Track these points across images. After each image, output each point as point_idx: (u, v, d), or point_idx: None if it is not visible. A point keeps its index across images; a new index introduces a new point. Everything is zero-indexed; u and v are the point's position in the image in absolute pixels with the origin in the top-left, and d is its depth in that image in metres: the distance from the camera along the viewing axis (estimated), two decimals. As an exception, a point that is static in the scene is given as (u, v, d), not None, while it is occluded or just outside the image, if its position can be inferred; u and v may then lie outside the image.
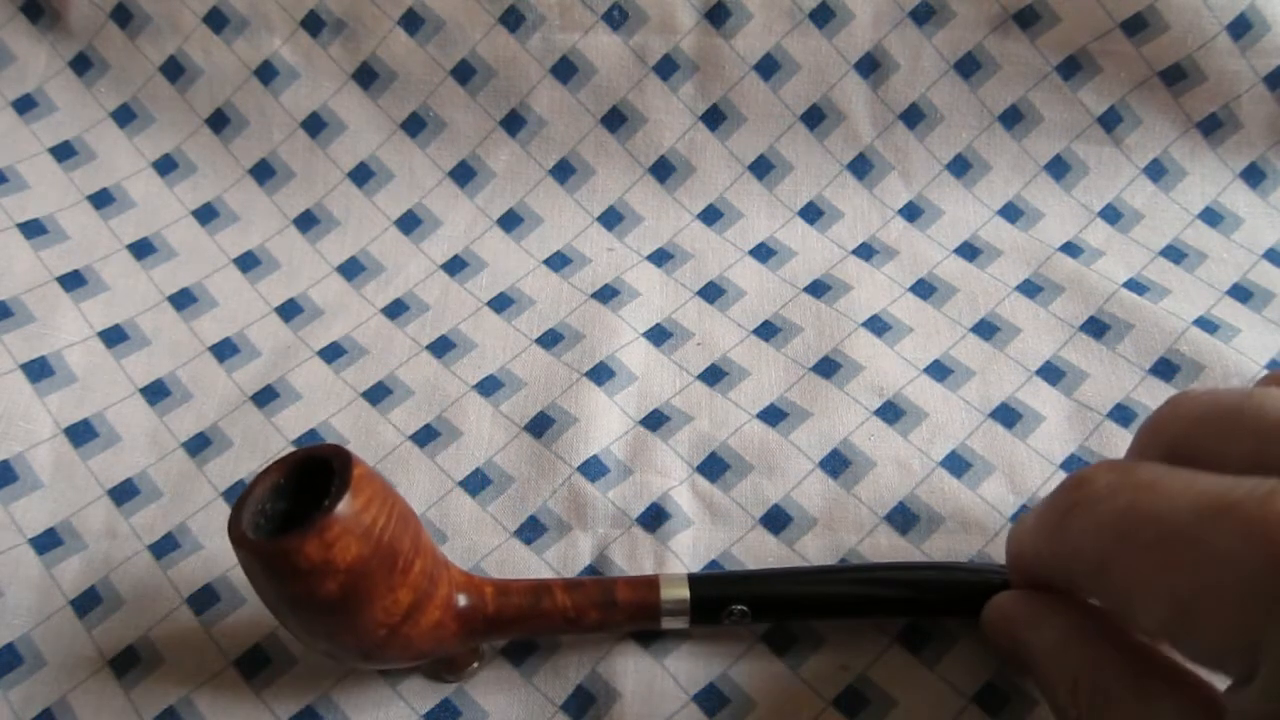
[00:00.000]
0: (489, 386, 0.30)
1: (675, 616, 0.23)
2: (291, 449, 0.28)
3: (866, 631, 0.24)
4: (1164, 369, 0.29)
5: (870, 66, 0.34)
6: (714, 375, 0.30)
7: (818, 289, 0.32)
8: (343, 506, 0.19)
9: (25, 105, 0.35)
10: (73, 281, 0.32)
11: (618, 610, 0.23)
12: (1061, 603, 0.21)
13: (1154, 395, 0.28)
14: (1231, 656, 0.16)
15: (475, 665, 0.24)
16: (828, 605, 0.24)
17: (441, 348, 0.31)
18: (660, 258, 0.33)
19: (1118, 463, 0.19)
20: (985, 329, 0.30)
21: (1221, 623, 0.15)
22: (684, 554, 0.26)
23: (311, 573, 0.18)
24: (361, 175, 0.34)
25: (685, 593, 0.23)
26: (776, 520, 0.26)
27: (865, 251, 0.33)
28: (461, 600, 0.22)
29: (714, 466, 0.27)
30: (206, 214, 0.34)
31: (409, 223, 0.34)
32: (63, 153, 0.34)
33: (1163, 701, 0.18)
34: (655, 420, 0.29)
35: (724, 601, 0.23)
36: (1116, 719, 0.18)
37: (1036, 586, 0.21)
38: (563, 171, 0.34)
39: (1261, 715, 0.15)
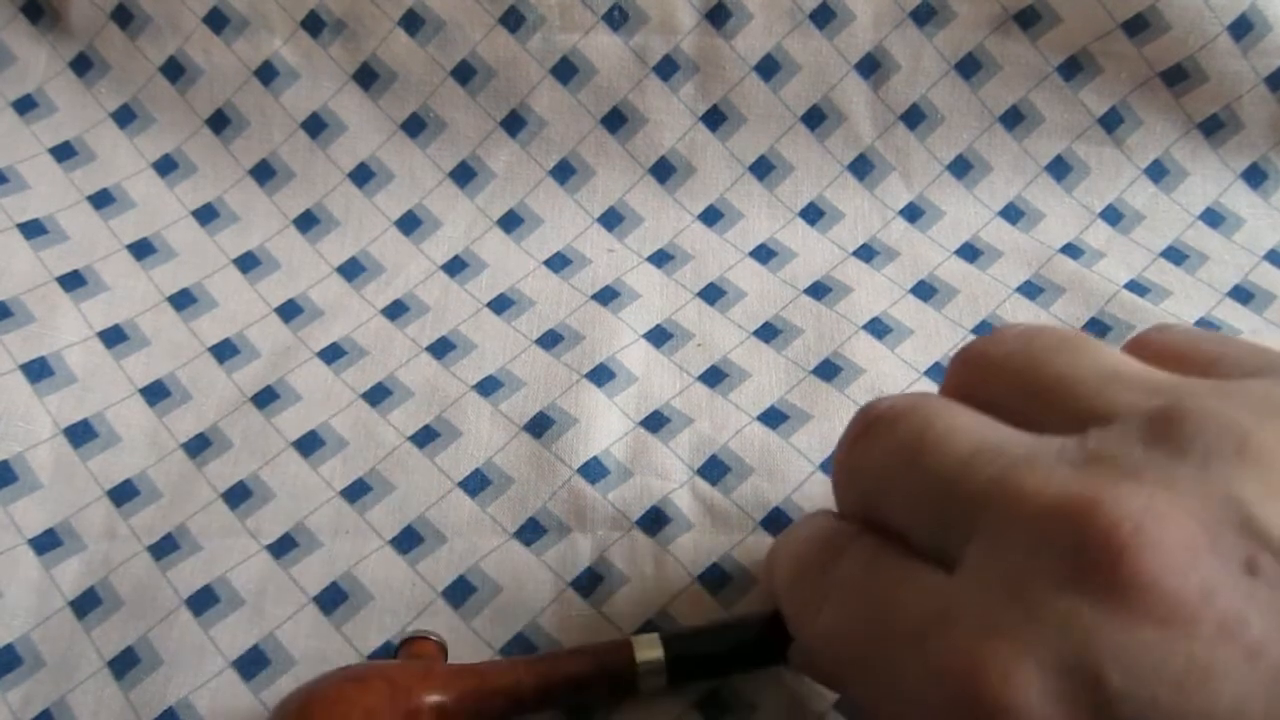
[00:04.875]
0: (489, 387, 0.30)
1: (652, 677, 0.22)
2: (290, 451, 0.28)
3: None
4: (1165, 371, 0.29)
5: (871, 67, 0.33)
6: (714, 377, 0.30)
7: (818, 291, 0.32)
8: None
9: (25, 105, 0.35)
10: (72, 282, 0.32)
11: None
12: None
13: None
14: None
15: None
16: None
17: (441, 349, 0.31)
18: (660, 259, 0.33)
19: (912, 395, 0.19)
20: (986, 330, 0.30)
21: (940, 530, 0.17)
22: (684, 557, 0.26)
23: None
24: (361, 175, 0.34)
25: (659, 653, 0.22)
26: (778, 523, 0.26)
27: (866, 253, 0.33)
28: None
29: (714, 469, 0.27)
30: (206, 214, 0.34)
31: (409, 223, 0.34)
32: (63, 153, 0.34)
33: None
34: (655, 422, 0.29)
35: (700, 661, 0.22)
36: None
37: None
38: (563, 172, 0.34)
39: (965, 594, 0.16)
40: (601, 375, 0.29)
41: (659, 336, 0.31)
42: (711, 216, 0.33)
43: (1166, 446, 0.15)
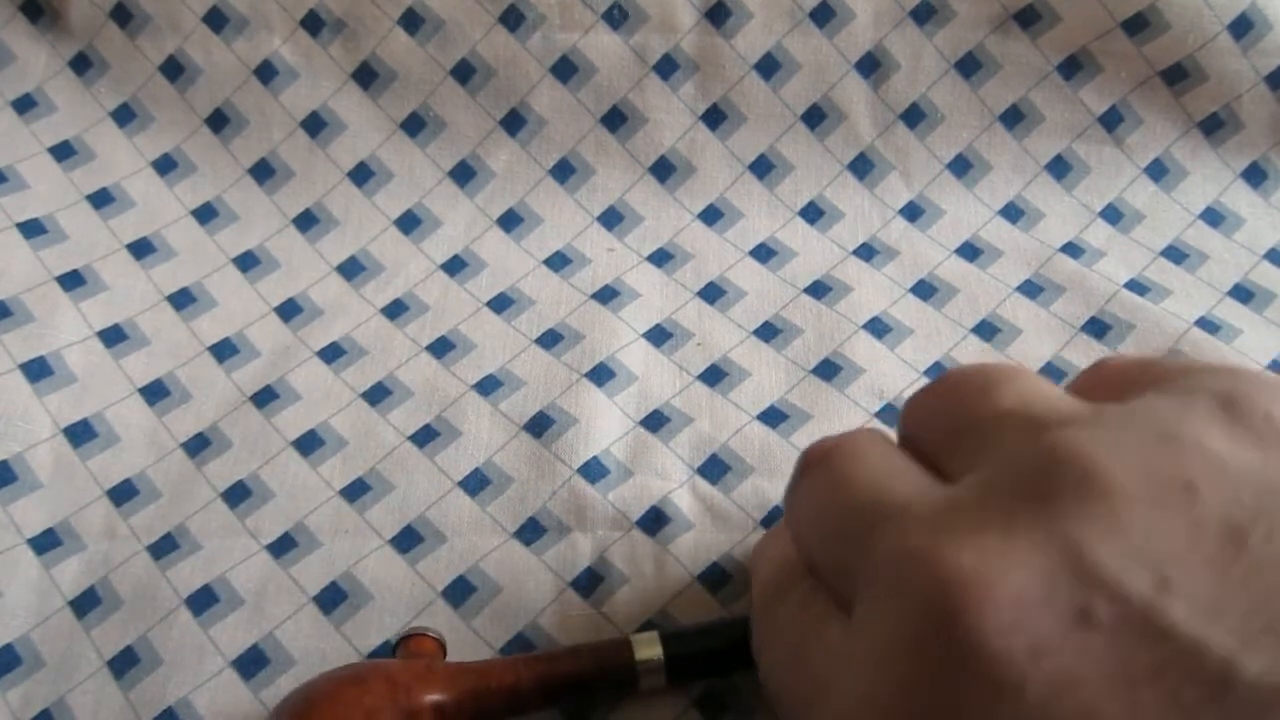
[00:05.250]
0: (488, 386, 0.30)
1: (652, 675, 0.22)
2: (290, 450, 0.28)
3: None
4: (1165, 370, 0.29)
5: (871, 66, 0.33)
6: (714, 376, 0.30)
7: (818, 290, 0.32)
8: None
9: (25, 105, 0.35)
10: (72, 281, 0.32)
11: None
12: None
13: (1155, 396, 0.28)
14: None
15: None
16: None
17: (441, 348, 0.31)
18: (660, 258, 0.33)
19: (846, 436, 0.19)
20: (986, 330, 0.30)
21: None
22: (684, 557, 0.26)
23: None
24: (361, 175, 0.34)
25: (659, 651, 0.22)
26: (777, 523, 0.26)
27: (866, 252, 0.32)
28: None
29: (714, 468, 0.27)
30: (206, 213, 0.34)
31: (409, 223, 0.34)
32: (62, 152, 0.34)
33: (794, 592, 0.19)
34: (655, 421, 0.29)
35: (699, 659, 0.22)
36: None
37: None
38: (563, 171, 0.34)
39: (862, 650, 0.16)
40: (601, 375, 0.29)
41: (659, 336, 0.31)
42: (711, 216, 0.33)
43: (1020, 489, 0.15)
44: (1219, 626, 0.12)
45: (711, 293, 0.32)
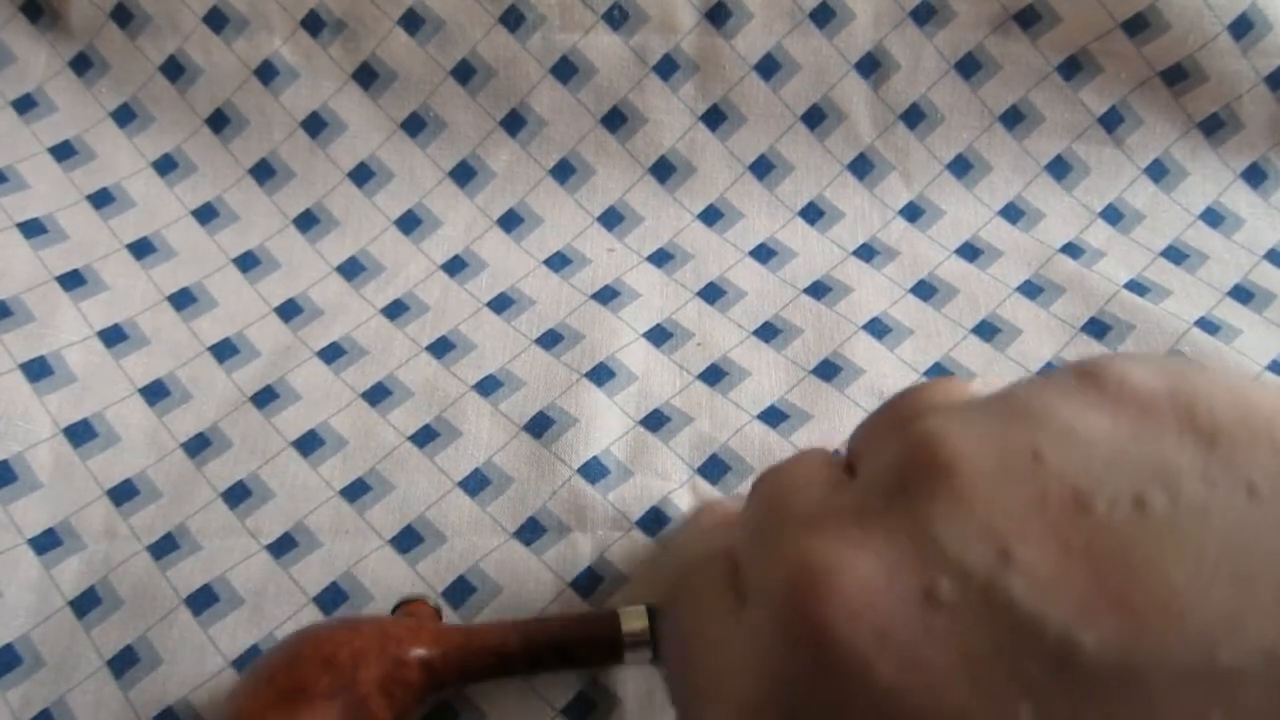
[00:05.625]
0: (488, 387, 0.30)
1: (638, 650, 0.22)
2: (290, 450, 0.28)
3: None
4: (1165, 370, 0.29)
5: (871, 66, 0.33)
6: (714, 375, 0.30)
7: (818, 290, 0.32)
8: None
9: (25, 105, 0.35)
10: (72, 281, 0.32)
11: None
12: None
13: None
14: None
15: None
16: None
17: (441, 348, 0.31)
18: (660, 258, 0.33)
19: (796, 455, 0.20)
20: (986, 330, 0.30)
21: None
22: (683, 556, 0.26)
23: None
24: (361, 175, 0.34)
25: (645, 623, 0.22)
26: (776, 521, 0.26)
27: (866, 252, 0.32)
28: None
29: (715, 468, 0.27)
30: (206, 214, 0.34)
31: (409, 223, 0.34)
32: (62, 152, 0.34)
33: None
34: (655, 421, 0.29)
35: None
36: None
37: None
38: (563, 171, 0.34)
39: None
40: (601, 375, 0.29)
41: (659, 336, 0.31)
42: (711, 216, 0.33)
43: (884, 483, 0.15)
44: (1059, 599, 0.12)
45: (711, 293, 0.32)
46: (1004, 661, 0.12)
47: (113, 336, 0.31)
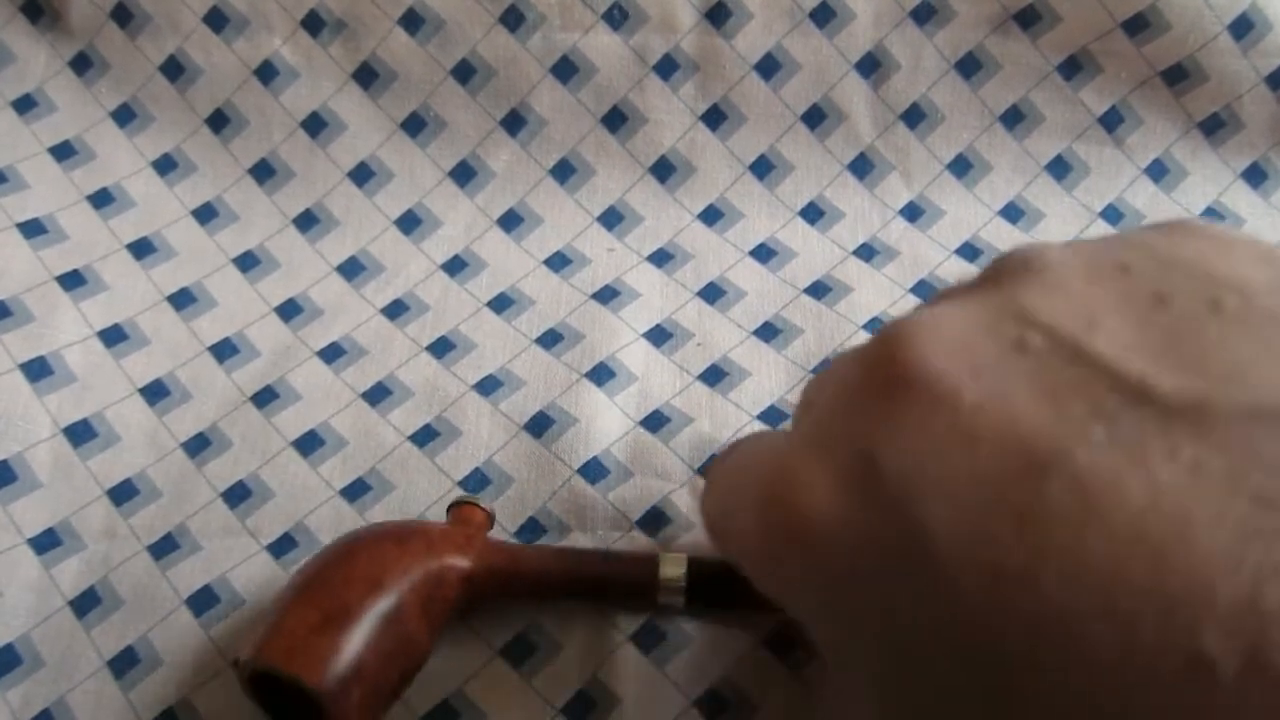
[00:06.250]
0: (488, 386, 0.30)
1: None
2: (290, 450, 0.28)
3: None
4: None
5: (871, 66, 0.33)
6: (714, 376, 0.30)
7: (818, 290, 0.32)
8: None
9: (25, 105, 0.35)
10: (72, 281, 0.32)
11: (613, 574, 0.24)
12: None
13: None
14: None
15: None
16: None
17: (441, 348, 0.31)
18: (660, 258, 0.33)
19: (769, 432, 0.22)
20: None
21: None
22: (684, 556, 0.26)
23: None
24: (361, 175, 0.34)
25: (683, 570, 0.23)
26: (776, 521, 0.26)
27: (866, 252, 0.32)
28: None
29: (714, 468, 0.27)
30: (206, 213, 0.34)
31: (409, 223, 0.34)
32: (62, 152, 0.34)
33: None
34: (655, 421, 0.29)
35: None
36: None
37: None
38: (563, 171, 0.34)
39: None
40: (601, 375, 0.29)
41: (659, 336, 0.31)
42: (711, 216, 0.33)
43: (979, 283, 0.17)
44: (1139, 356, 0.14)
45: (711, 293, 0.32)
46: (1084, 395, 0.14)
47: (113, 336, 0.31)
